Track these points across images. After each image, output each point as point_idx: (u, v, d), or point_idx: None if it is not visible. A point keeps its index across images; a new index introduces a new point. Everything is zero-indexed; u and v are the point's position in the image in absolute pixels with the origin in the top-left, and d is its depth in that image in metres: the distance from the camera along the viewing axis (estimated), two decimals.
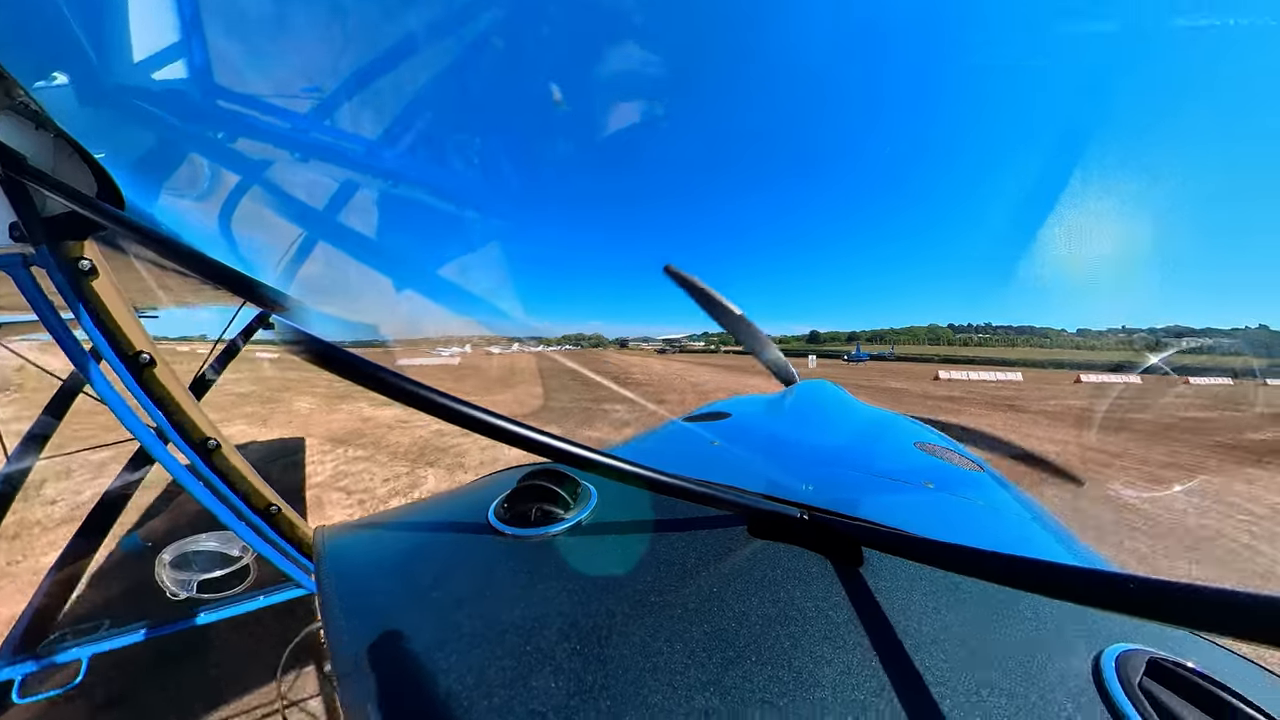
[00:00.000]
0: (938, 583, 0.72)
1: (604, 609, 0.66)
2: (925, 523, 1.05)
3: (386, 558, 0.89)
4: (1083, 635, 0.64)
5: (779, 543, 0.81)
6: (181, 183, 1.58)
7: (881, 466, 1.43)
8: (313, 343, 0.50)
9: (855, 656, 0.58)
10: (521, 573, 0.74)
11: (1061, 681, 0.56)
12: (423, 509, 1.12)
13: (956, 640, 0.61)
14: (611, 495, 0.97)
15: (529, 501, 0.90)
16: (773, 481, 1.14)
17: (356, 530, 1.03)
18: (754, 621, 0.63)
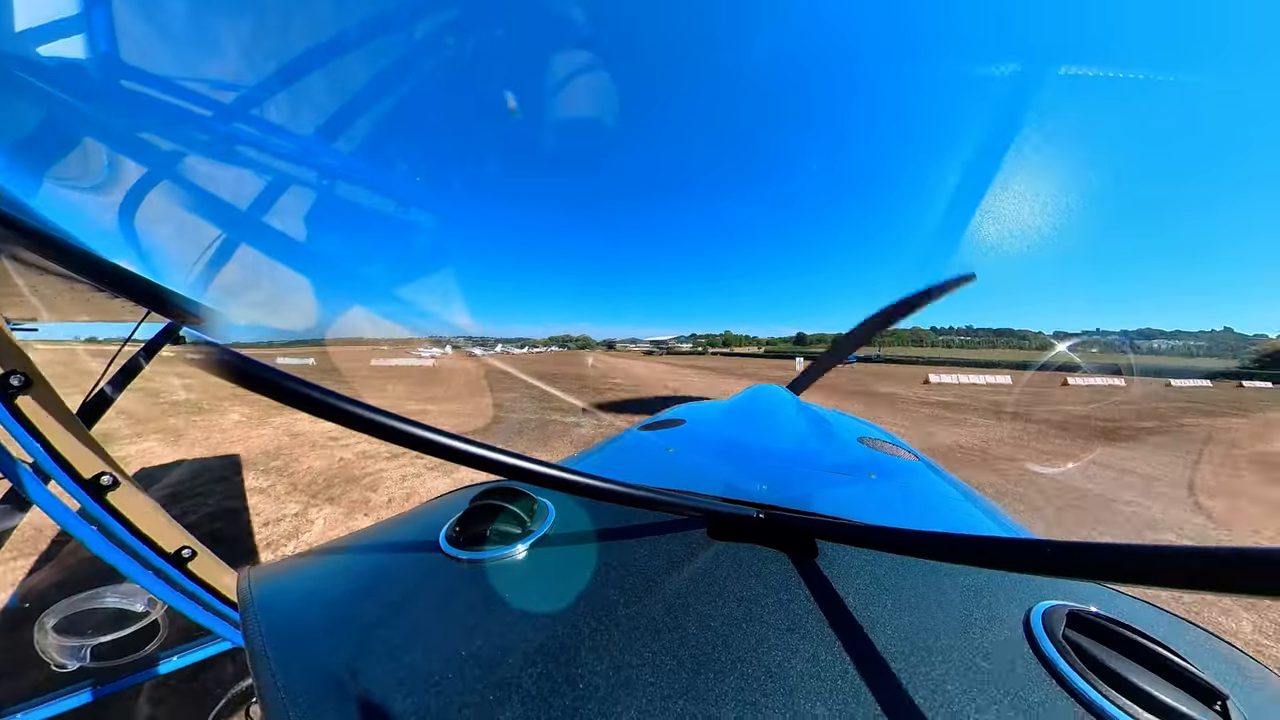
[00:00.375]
0: (885, 564, 0.77)
1: (570, 628, 0.65)
2: (871, 511, 1.10)
3: (325, 597, 0.82)
4: (1013, 597, 0.71)
5: (739, 543, 0.83)
6: (73, 171, 1.35)
7: (829, 462, 1.50)
8: (231, 358, 0.45)
9: (817, 643, 0.61)
10: (480, 599, 0.72)
11: (997, 639, 0.62)
12: (366, 538, 1.04)
13: (905, 614, 0.66)
14: (569, 509, 0.96)
15: (483, 522, 0.87)
16: (729, 484, 1.15)
17: (289, 569, 0.94)
18: (721, 623, 0.64)
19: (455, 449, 0.55)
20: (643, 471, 1.41)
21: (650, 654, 0.60)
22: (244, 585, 0.85)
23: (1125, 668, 0.56)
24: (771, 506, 0.90)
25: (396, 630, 0.67)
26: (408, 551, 0.91)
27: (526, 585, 0.75)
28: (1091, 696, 0.54)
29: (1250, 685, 0.64)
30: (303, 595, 0.83)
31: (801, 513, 0.92)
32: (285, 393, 0.45)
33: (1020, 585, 0.74)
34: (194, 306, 1.07)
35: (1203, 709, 0.52)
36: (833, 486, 1.26)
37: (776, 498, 1.02)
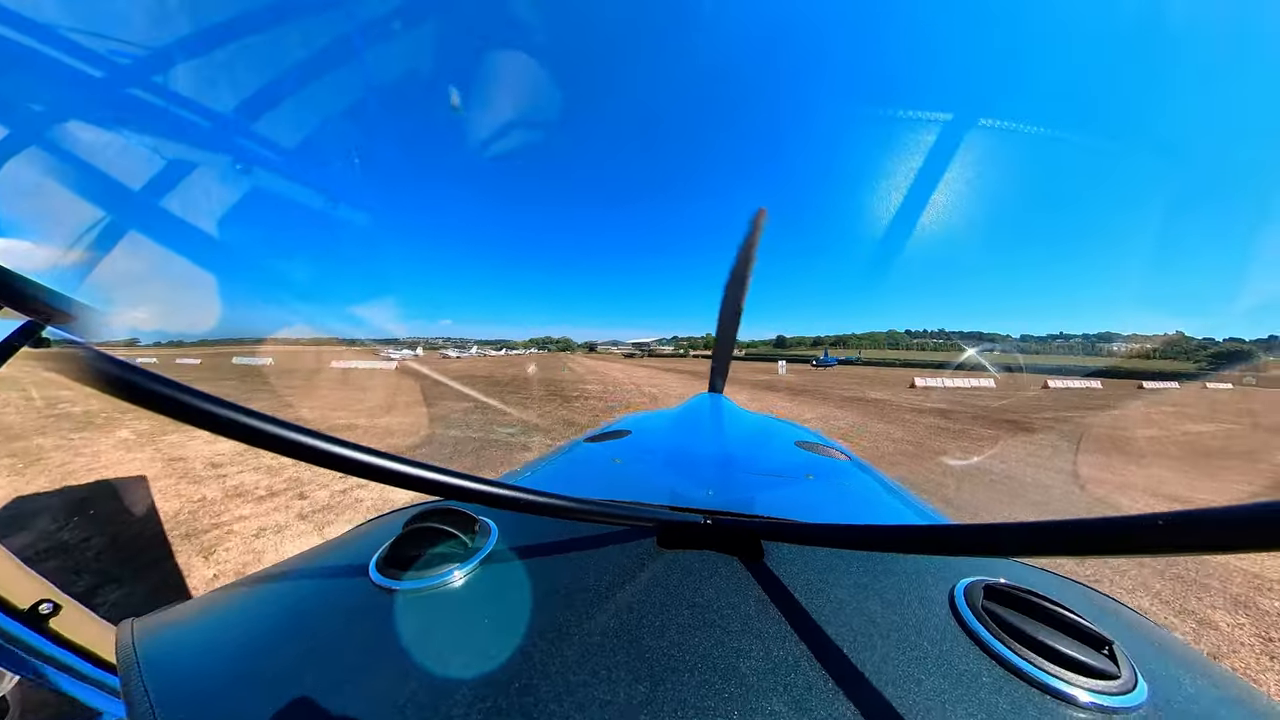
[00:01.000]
0: (826, 559, 0.81)
1: (518, 653, 0.62)
2: (810, 510, 1.16)
3: (232, 646, 0.71)
4: (938, 578, 0.77)
5: (688, 550, 0.84)
6: None
7: (771, 466, 1.55)
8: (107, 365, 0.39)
9: (770, 640, 0.63)
10: (417, 632, 0.67)
11: (928, 617, 0.68)
12: (283, 572, 0.94)
13: (847, 604, 0.70)
14: (513, 528, 0.93)
15: (419, 547, 0.82)
16: (676, 492, 1.17)
17: (186, 616, 0.82)
18: (675, 632, 0.65)
19: (385, 469, 0.51)
20: (589, 484, 1.41)
21: (605, 671, 0.59)
22: (125, 642, 0.73)
23: (1033, 628, 0.63)
24: (718, 512, 0.93)
25: (320, 676, 0.60)
26: (333, 585, 0.83)
27: (469, 612, 0.71)
28: (1008, 656, 0.60)
29: (1129, 630, 0.75)
30: (203, 646, 0.72)
31: (747, 516, 0.95)
32: (176, 406, 0.39)
33: (944, 566, 0.81)
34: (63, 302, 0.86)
35: (1094, 654, 0.60)
36: (775, 489, 1.31)
37: (723, 503, 1.06)
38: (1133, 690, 0.58)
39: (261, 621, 0.76)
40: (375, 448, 0.50)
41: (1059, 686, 0.57)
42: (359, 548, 0.92)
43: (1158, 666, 0.66)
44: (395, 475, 0.52)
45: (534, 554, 0.85)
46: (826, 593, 0.73)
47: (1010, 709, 0.55)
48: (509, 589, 0.76)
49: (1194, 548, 0.37)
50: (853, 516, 1.20)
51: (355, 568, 0.83)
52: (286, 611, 0.78)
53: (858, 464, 1.69)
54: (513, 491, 0.65)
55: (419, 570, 0.79)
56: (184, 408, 0.39)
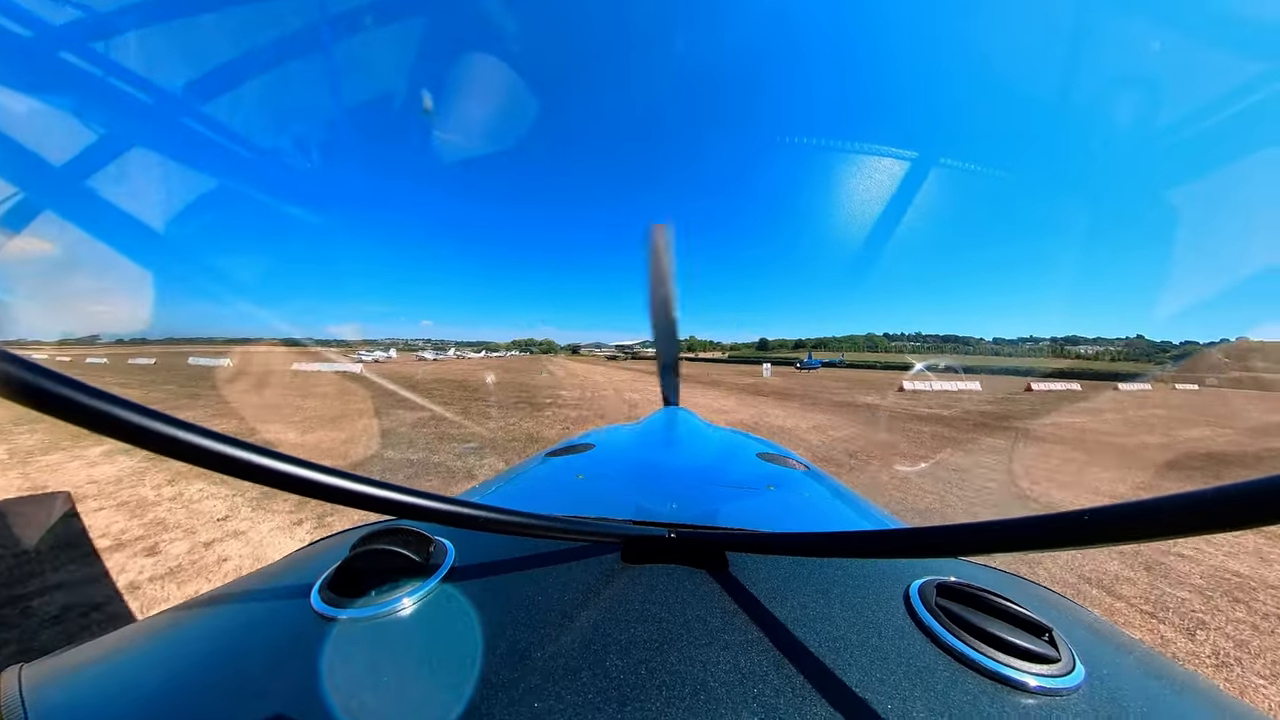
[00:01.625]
0: (788, 567, 0.84)
1: (477, 682, 0.59)
2: (772, 520, 1.19)
3: (144, 693, 0.60)
4: (894, 579, 0.81)
5: (653, 564, 0.84)
6: None
7: (733, 478, 1.57)
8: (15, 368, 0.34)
9: (736, 651, 0.63)
10: (370, 662, 0.62)
11: (885, 617, 0.71)
12: (206, 607, 0.81)
13: (809, 609, 0.72)
14: (471, 547, 0.89)
15: (367, 571, 0.77)
16: (640, 506, 1.17)
17: (84, 662, 0.70)
18: (642, 648, 0.64)
19: (330, 486, 0.49)
20: (552, 500, 1.39)
21: (570, 695, 0.56)
22: (10, 693, 0.63)
23: (982, 620, 0.66)
24: (683, 525, 0.94)
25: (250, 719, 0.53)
26: (269, 614, 0.76)
27: (422, 640, 0.67)
28: (960, 648, 0.63)
29: (1066, 618, 0.80)
30: (110, 693, 0.62)
31: (711, 528, 0.98)
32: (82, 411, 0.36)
33: (898, 568, 0.85)
34: None
35: (1037, 641, 0.64)
36: (737, 500, 1.33)
37: (687, 516, 1.08)
38: (1072, 671, 0.62)
39: (183, 660, 0.68)
40: (321, 463, 0.48)
41: (1007, 673, 0.60)
42: (300, 573, 0.87)
43: (1093, 649, 0.71)
44: (343, 493, 0.50)
45: (494, 574, 0.82)
46: (790, 600, 0.74)
47: (965, 698, 0.57)
48: (467, 613, 0.72)
49: (1115, 538, 0.41)
50: (812, 524, 1.23)
51: (295, 595, 0.78)
52: (214, 646, 0.70)
53: (815, 474, 1.75)
54: (471, 509, 0.64)
55: (367, 596, 0.74)
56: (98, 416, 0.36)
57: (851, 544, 0.66)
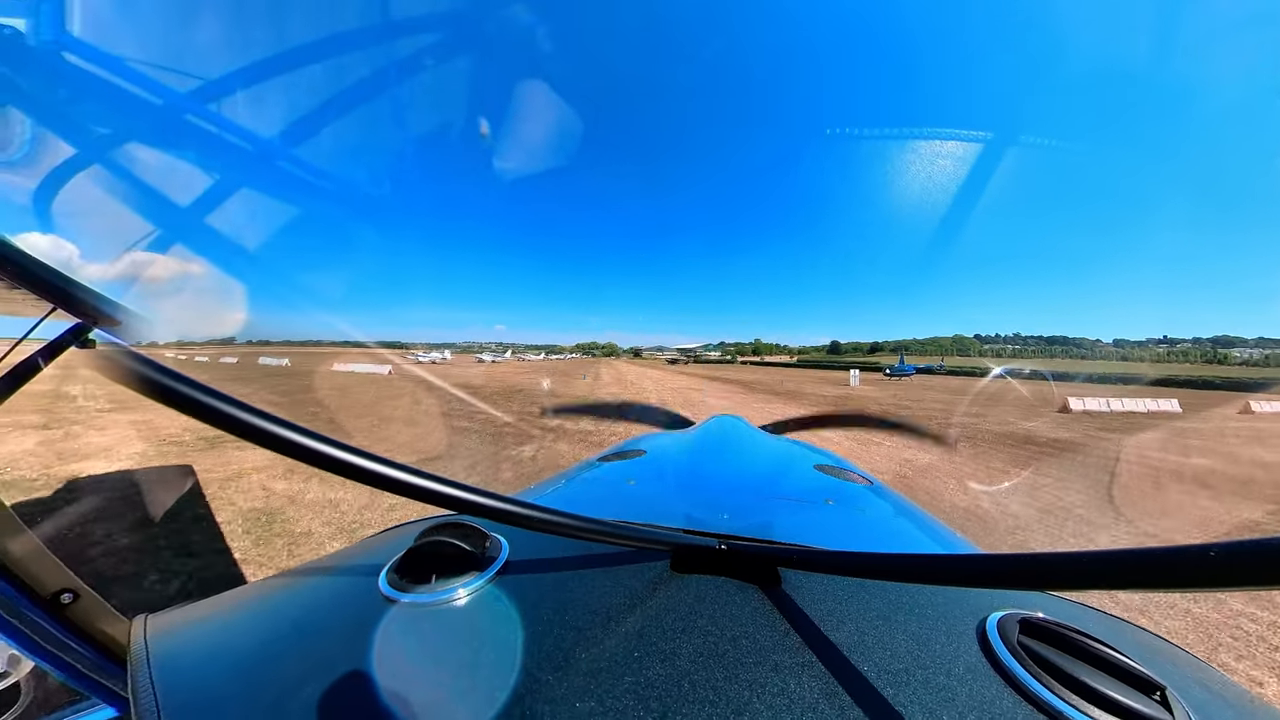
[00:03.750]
0: (846, 589, 0.78)
1: (524, 675, 0.61)
2: (830, 537, 1.13)
3: (238, 651, 0.72)
4: (967, 610, 0.74)
5: (702, 575, 0.82)
6: None
7: (789, 490, 1.53)
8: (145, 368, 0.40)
9: (785, 674, 0.60)
10: (424, 647, 0.67)
11: (956, 652, 0.65)
12: (292, 581, 0.95)
13: (868, 637, 0.67)
14: (525, 545, 0.92)
15: (429, 560, 0.82)
16: (691, 515, 1.15)
17: (195, 617, 0.85)
18: (686, 660, 0.63)
19: (400, 480, 0.51)
20: (602, 504, 1.40)
21: (613, 699, 0.57)
22: (136, 638, 0.76)
23: (1075, 668, 0.59)
24: (734, 537, 0.91)
25: (324, 687, 0.60)
26: (342, 595, 0.83)
27: (474, 629, 0.71)
28: (1046, 697, 0.56)
29: (1184, 674, 0.70)
30: (210, 650, 0.73)
31: (763, 542, 0.92)
32: (205, 410, 0.41)
33: (972, 598, 0.78)
34: (111, 306, 0.93)
35: (1145, 700, 0.56)
36: (793, 514, 1.28)
37: (738, 528, 1.03)
38: None
39: (269, 626, 0.78)
40: (393, 459, 0.51)
41: None
42: (372, 556, 0.92)
43: (1216, 716, 0.61)
44: (409, 487, 0.52)
45: (544, 572, 0.84)
46: (847, 624, 0.70)
47: None
48: (517, 607, 0.75)
49: (1249, 581, 0.32)
50: (875, 544, 1.17)
51: (365, 578, 0.83)
52: (294, 618, 0.80)
53: (879, 489, 1.64)
54: (525, 509, 0.65)
55: (428, 583, 0.79)
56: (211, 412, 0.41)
57: (920, 568, 0.61)
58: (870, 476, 1.79)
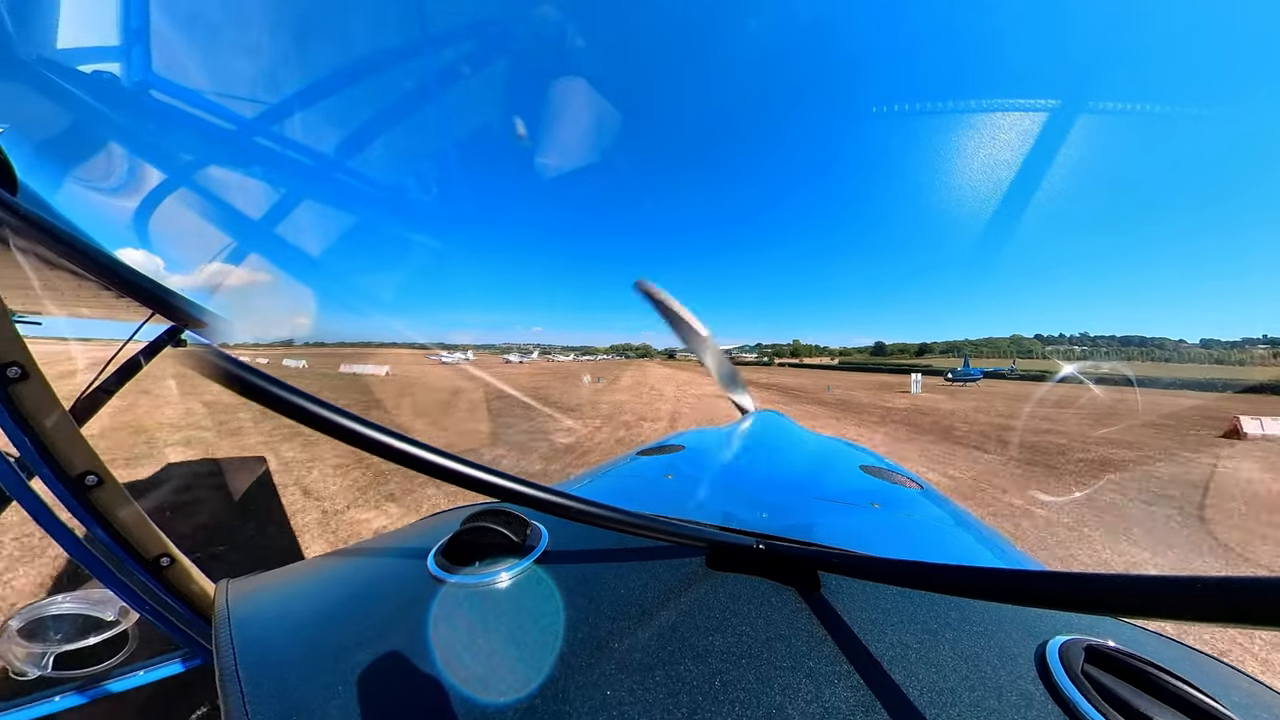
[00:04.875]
0: (891, 598, 0.74)
1: (558, 659, 0.63)
2: (875, 542, 1.09)
3: (303, 616, 0.80)
4: (1025, 632, 0.69)
5: (738, 574, 0.81)
6: (96, 173, 1.39)
7: (832, 491, 1.47)
8: (230, 365, 0.44)
9: (821, 682, 0.58)
10: (466, 625, 0.70)
11: (1010, 677, 0.60)
12: (351, 557, 1.03)
13: (913, 652, 0.63)
14: (563, 535, 0.94)
15: (474, 544, 0.86)
16: (729, 513, 1.14)
17: (269, 584, 0.93)
18: (718, 659, 0.62)
19: (448, 468, 0.54)
20: (640, 498, 1.40)
21: (643, 691, 0.57)
22: (220, 599, 0.84)
23: (1148, 705, 0.54)
24: (772, 537, 0.89)
25: (376, 655, 0.65)
26: (395, 571, 0.89)
27: (515, 612, 0.73)
28: None
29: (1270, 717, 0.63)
30: (280, 614, 0.81)
31: (803, 543, 0.90)
32: (282, 404, 0.45)
33: (1031, 619, 0.72)
34: (199, 311, 1.08)
35: None
36: (835, 516, 1.24)
37: (777, 527, 1.00)
38: None
39: (329, 597, 0.85)
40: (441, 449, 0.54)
41: None
42: (422, 538, 0.97)
43: None
44: (456, 474, 0.54)
45: (581, 562, 0.85)
46: (890, 636, 0.66)
47: None
48: (554, 594, 0.77)
49: None
50: (924, 552, 1.11)
51: (416, 556, 0.88)
52: (350, 591, 0.86)
53: (930, 494, 1.57)
54: (564, 500, 0.65)
55: (472, 566, 0.82)
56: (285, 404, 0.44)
57: (974, 582, 0.56)
58: (921, 480, 1.71)
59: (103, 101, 1.39)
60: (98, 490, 1.16)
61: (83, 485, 1.14)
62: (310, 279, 13.00)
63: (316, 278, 11.83)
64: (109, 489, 1.18)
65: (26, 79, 1.22)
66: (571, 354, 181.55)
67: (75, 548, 1.18)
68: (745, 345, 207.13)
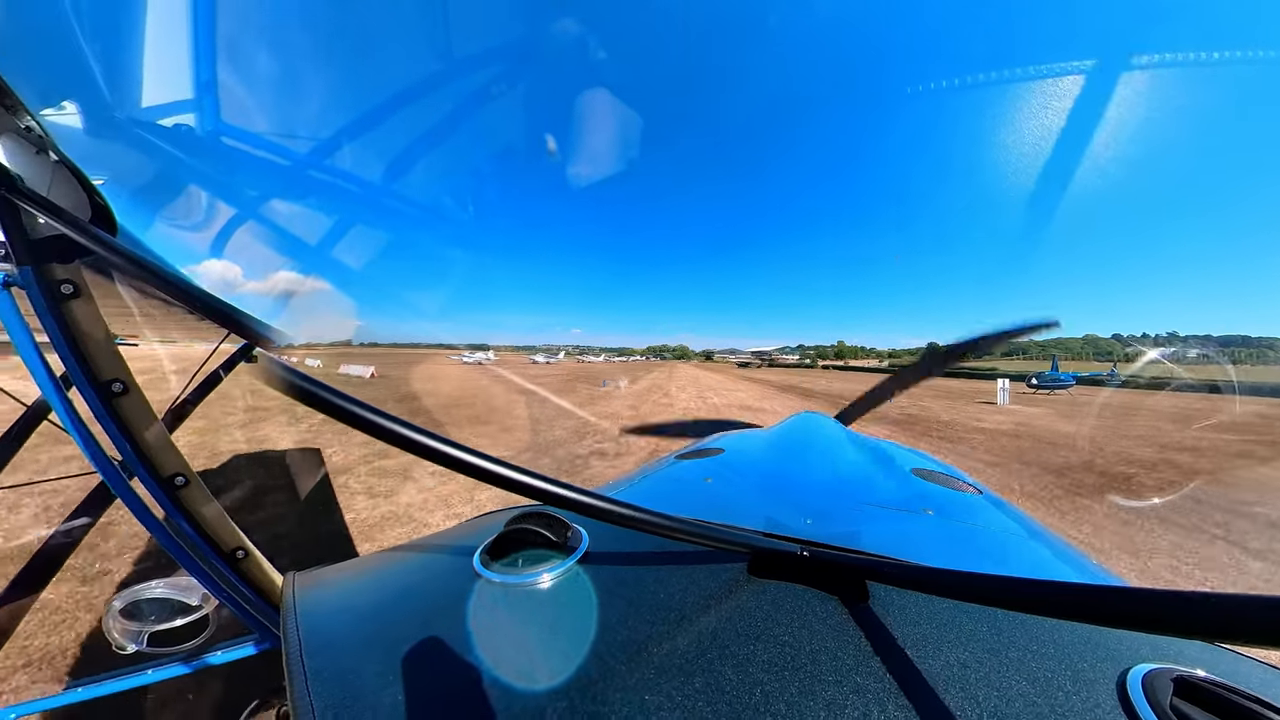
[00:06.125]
0: (947, 612, 0.69)
1: (598, 660, 0.62)
2: (929, 551, 1.03)
3: (361, 608, 0.85)
4: (1102, 657, 0.62)
5: (781, 581, 0.78)
6: (178, 212, 1.60)
7: (881, 496, 1.40)
8: (294, 377, 0.49)
9: (869, 699, 0.54)
10: (509, 623, 0.71)
11: (1084, 705, 0.53)
12: (403, 555, 1.08)
13: (971, 672, 0.58)
14: (604, 537, 0.94)
15: (517, 545, 0.88)
16: (771, 518, 1.10)
17: (330, 578, 0.99)
18: (759, 669, 0.59)
19: (492, 471, 0.55)
20: (680, 501, 1.39)
21: (681, 696, 0.55)
22: (287, 590, 0.90)
23: None
24: (817, 543, 0.84)
25: (425, 647, 0.68)
26: (442, 570, 0.92)
27: (556, 612, 0.74)
28: None
29: None
30: (341, 605, 0.87)
31: (850, 551, 0.87)
32: (339, 411, 0.47)
33: (1110, 643, 0.64)
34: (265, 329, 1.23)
35: None
36: (885, 523, 1.18)
37: (822, 534, 0.96)
38: None
39: (384, 592, 0.90)
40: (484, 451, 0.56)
41: None
42: (469, 537, 1.00)
43: None
44: (499, 477, 0.55)
45: (621, 565, 0.86)
46: (945, 653, 0.61)
47: None
48: (594, 596, 0.76)
49: None
50: (983, 563, 1.04)
51: (463, 554, 0.91)
52: (403, 586, 0.91)
53: (992, 499, 1.46)
54: (605, 503, 0.65)
55: (515, 565, 0.84)
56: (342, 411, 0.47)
57: (1044, 597, 0.50)
58: (980, 485, 1.59)
59: (181, 150, 1.59)
60: (185, 490, 1.32)
61: (173, 485, 1.30)
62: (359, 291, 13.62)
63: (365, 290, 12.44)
64: (194, 488, 1.34)
65: (120, 136, 1.41)
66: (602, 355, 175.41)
67: (166, 540, 1.34)
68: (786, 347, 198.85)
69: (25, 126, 1.05)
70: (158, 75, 1.53)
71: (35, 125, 1.06)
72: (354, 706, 0.59)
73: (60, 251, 1.11)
